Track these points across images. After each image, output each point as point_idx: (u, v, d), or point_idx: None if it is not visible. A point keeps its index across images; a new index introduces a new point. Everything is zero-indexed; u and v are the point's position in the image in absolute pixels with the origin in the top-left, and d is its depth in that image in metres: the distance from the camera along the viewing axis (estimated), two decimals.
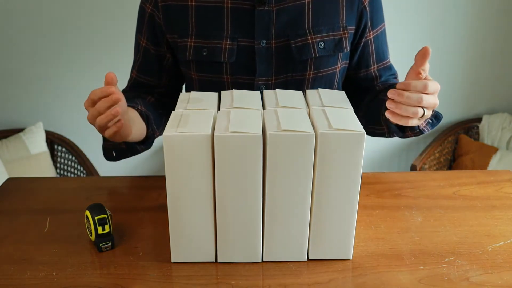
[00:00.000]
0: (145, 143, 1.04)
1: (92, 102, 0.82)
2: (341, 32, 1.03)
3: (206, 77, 1.06)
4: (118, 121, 0.82)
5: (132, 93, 1.12)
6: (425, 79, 0.82)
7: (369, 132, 1.07)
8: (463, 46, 2.17)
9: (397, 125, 0.97)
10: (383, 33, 1.10)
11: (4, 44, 2.02)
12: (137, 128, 0.96)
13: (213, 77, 1.05)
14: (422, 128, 0.96)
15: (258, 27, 1.01)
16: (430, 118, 1.00)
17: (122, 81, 1.19)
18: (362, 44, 1.08)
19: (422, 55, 0.81)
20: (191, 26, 1.03)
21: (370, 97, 1.09)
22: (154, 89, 1.13)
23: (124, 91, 1.16)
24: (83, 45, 2.04)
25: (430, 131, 0.98)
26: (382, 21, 1.09)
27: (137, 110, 0.99)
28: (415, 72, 0.82)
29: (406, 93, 0.80)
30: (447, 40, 2.15)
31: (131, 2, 1.09)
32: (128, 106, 0.97)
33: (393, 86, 1.02)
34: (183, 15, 1.03)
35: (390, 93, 0.80)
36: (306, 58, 1.02)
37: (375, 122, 1.03)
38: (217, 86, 1.05)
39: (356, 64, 1.11)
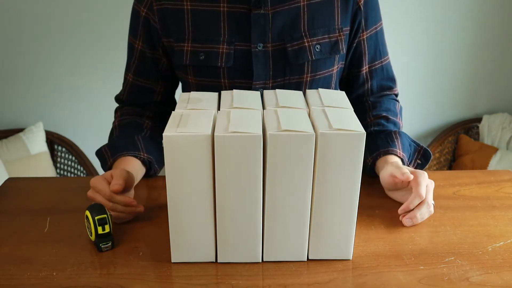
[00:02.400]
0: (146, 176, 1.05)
1: (108, 199, 0.86)
2: (337, 34, 1.03)
3: (204, 81, 1.05)
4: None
5: (129, 116, 1.11)
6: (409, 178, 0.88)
7: None
8: (463, 46, 2.17)
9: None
10: (378, 33, 1.09)
11: (4, 44, 2.02)
12: (139, 178, 1.00)
13: (211, 82, 1.05)
14: None
15: (254, 31, 1.00)
16: (419, 159, 1.05)
17: (121, 80, 1.19)
18: (355, 44, 1.07)
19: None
20: (188, 30, 1.02)
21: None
22: (152, 96, 1.12)
23: (119, 101, 1.15)
24: (83, 45, 2.04)
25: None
26: (378, 20, 1.08)
27: (139, 159, 1.00)
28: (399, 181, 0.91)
29: (418, 216, 0.87)
30: (447, 40, 2.15)
31: (131, 1, 1.09)
32: (131, 155, 0.99)
33: (380, 127, 1.06)
34: (179, 19, 1.02)
35: (407, 223, 0.87)
36: (302, 61, 1.02)
37: None
38: (214, 90, 1.04)
39: (349, 64, 1.10)
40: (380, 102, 1.10)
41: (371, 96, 1.12)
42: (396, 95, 1.16)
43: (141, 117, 1.11)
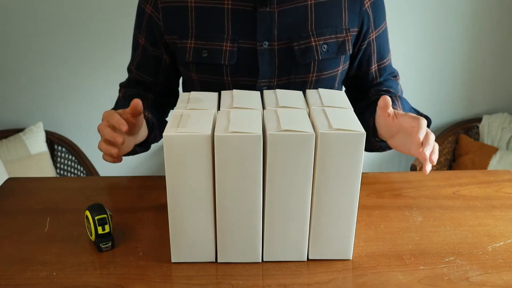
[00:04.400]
0: (144, 146, 1.04)
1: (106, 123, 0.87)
2: (344, 35, 1.03)
3: (207, 78, 1.06)
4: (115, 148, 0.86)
5: (132, 89, 1.12)
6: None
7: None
8: (463, 46, 2.17)
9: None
10: (384, 32, 1.09)
11: (4, 44, 2.02)
12: (141, 136, 0.98)
13: (214, 79, 1.05)
14: None
15: (260, 29, 1.00)
16: None
17: (121, 80, 1.19)
18: (365, 45, 1.07)
19: (384, 107, 0.85)
20: (191, 27, 1.02)
21: (363, 104, 1.09)
22: (150, 87, 1.14)
23: (123, 85, 1.16)
24: (83, 44, 2.04)
25: None
26: (383, 20, 1.09)
27: (144, 117, 0.99)
28: (386, 116, 0.87)
29: (427, 152, 0.79)
30: (447, 40, 2.15)
31: (131, 1, 1.09)
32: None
33: (379, 95, 1.03)
34: (183, 16, 1.02)
35: (428, 168, 0.80)
36: (309, 61, 1.02)
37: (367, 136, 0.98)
38: (218, 87, 1.05)
39: (358, 64, 1.11)
40: (382, 82, 1.13)
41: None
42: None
43: (145, 91, 1.13)
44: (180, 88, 1.21)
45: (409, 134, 0.84)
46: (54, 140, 2.12)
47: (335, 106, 0.79)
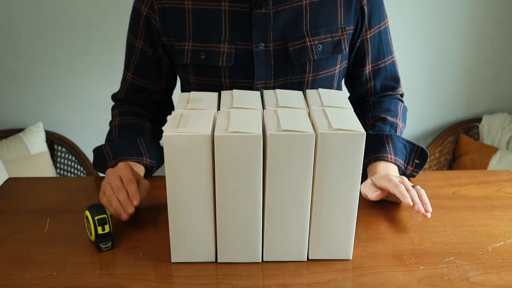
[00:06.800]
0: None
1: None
2: (340, 34, 1.02)
3: (204, 80, 1.05)
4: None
5: (128, 117, 1.10)
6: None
7: None
8: (463, 46, 2.17)
9: None
10: (381, 33, 1.07)
11: (4, 44, 2.02)
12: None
13: (212, 81, 1.05)
14: (410, 174, 1.03)
15: (255, 30, 1.00)
16: (416, 159, 1.03)
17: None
18: (358, 43, 1.06)
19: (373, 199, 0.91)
20: (188, 30, 1.02)
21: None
22: (150, 96, 1.12)
23: (116, 107, 1.15)
24: (82, 44, 2.04)
25: (419, 173, 1.04)
26: (382, 19, 1.07)
27: (142, 164, 1.02)
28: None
29: (416, 199, 0.86)
30: (447, 40, 2.15)
31: (130, 1, 1.09)
32: (134, 161, 1.00)
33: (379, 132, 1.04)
34: (180, 18, 1.02)
35: (421, 210, 0.86)
36: (304, 61, 1.01)
37: None
38: (215, 89, 1.04)
39: (352, 63, 1.10)
40: (380, 102, 1.10)
41: (373, 96, 1.11)
42: (402, 95, 1.15)
43: (141, 118, 1.11)
44: (179, 91, 1.21)
45: (397, 198, 0.90)
46: (54, 140, 2.12)
47: (335, 106, 0.79)
